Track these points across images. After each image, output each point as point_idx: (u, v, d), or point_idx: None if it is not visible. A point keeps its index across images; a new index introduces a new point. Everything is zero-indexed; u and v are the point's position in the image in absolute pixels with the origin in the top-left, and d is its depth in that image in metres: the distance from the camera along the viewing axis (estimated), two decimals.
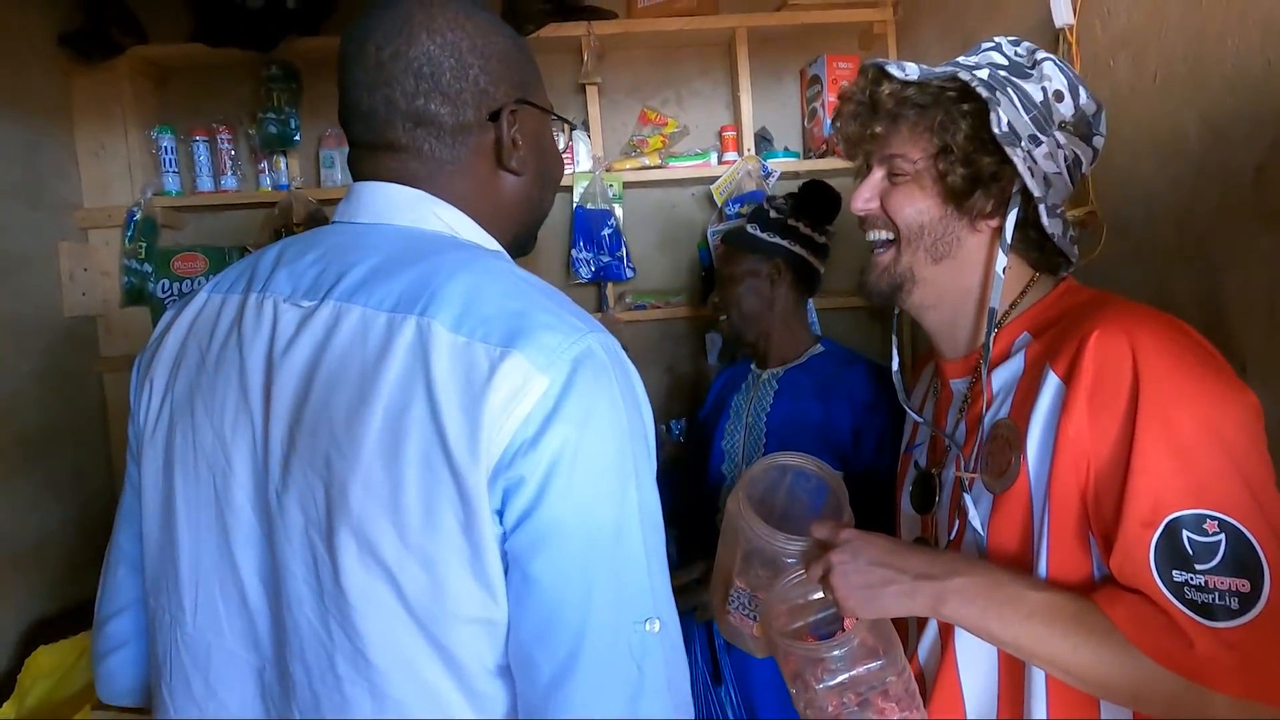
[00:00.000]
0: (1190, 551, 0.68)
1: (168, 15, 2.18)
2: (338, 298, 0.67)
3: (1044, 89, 0.83)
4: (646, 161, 2.22)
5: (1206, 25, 1.09)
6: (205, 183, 2.17)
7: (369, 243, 0.71)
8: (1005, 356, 0.87)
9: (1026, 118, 0.81)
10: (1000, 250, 0.84)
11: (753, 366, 1.70)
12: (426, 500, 0.60)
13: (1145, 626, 0.69)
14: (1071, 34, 1.37)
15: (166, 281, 2.14)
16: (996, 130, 0.79)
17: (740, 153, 2.23)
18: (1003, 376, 0.86)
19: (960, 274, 0.89)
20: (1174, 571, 0.68)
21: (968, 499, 0.86)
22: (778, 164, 2.20)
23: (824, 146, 2.24)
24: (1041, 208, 0.83)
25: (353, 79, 0.73)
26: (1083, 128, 0.84)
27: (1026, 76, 0.84)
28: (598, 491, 0.61)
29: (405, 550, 0.60)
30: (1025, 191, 0.84)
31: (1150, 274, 1.21)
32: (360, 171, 0.76)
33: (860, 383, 1.53)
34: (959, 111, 0.83)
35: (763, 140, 2.30)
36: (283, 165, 2.20)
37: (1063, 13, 1.37)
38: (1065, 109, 0.83)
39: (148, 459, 0.75)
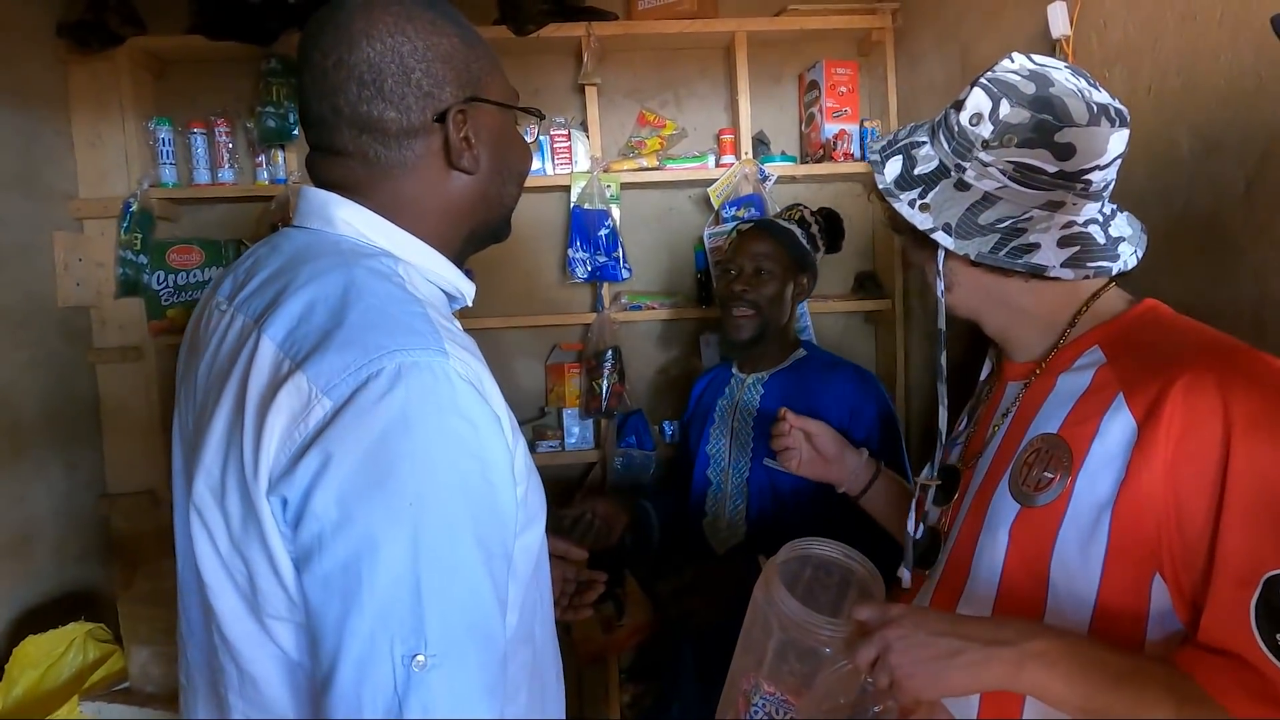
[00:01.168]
0: None
1: (167, 7, 2.17)
2: (235, 304, 0.73)
3: (959, 119, 0.86)
4: (644, 163, 2.23)
5: (1200, 40, 1.10)
6: (202, 175, 2.17)
7: (282, 249, 0.76)
8: (1070, 368, 0.86)
9: (948, 149, 0.86)
10: (940, 279, 0.90)
11: (735, 370, 1.70)
12: (242, 506, 0.64)
13: (1245, 695, 0.66)
14: (1068, 45, 1.38)
15: (162, 273, 2.14)
16: (880, 186, 0.88)
17: (738, 156, 2.24)
18: (1063, 389, 0.85)
19: (974, 296, 0.92)
20: (1278, 635, 0.65)
21: (994, 503, 0.86)
22: (775, 168, 2.21)
23: (820, 151, 2.26)
24: (940, 235, 0.85)
25: (303, 86, 0.76)
26: (1024, 134, 0.82)
27: (960, 108, 0.86)
28: (357, 518, 0.59)
29: (232, 547, 0.66)
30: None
31: (1140, 286, 1.22)
32: (313, 175, 0.79)
33: (845, 387, 1.55)
34: (876, 178, 0.92)
35: (760, 144, 2.31)
36: (280, 159, 2.19)
37: (1059, 24, 1.39)
38: (983, 129, 0.84)
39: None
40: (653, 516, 1.68)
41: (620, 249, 2.20)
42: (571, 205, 2.20)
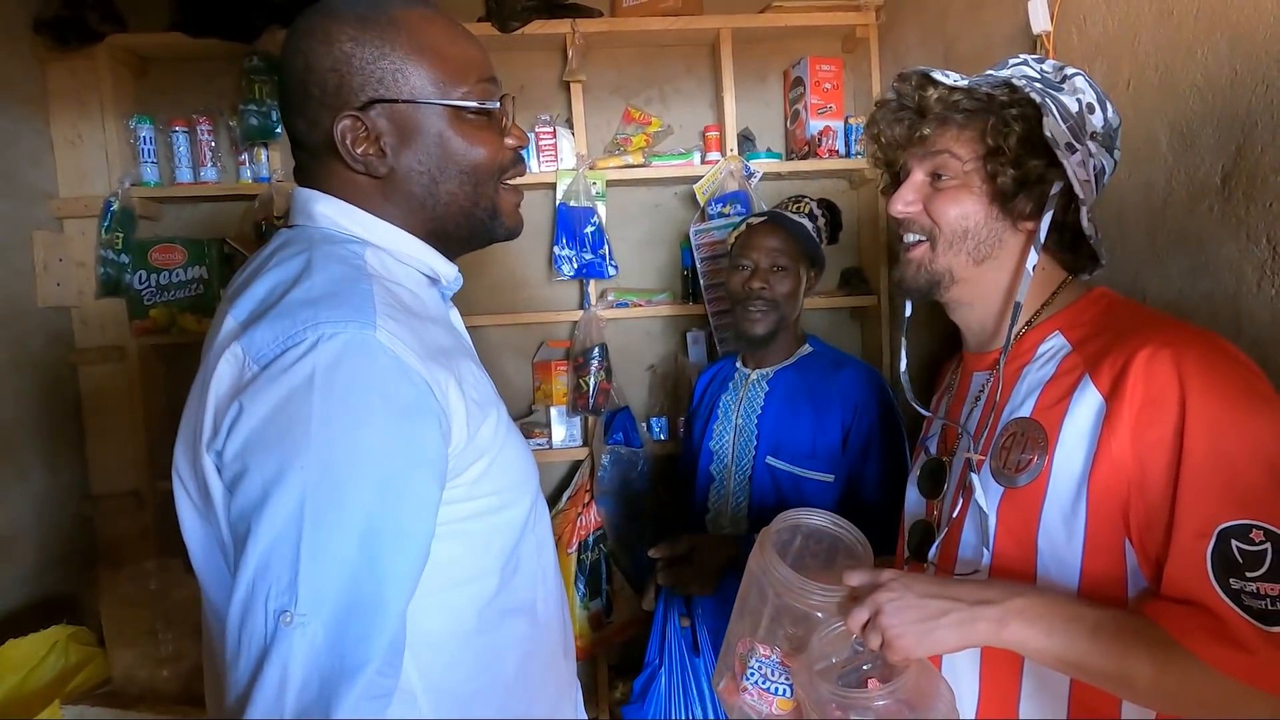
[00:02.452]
0: (1240, 560, 0.70)
1: (147, 4, 2.15)
2: (227, 296, 0.77)
3: (1078, 100, 0.86)
4: (630, 160, 2.23)
5: (1177, 35, 1.11)
6: (184, 174, 2.15)
7: (272, 244, 0.80)
8: (1035, 354, 0.89)
9: (1064, 127, 0.84)
10: (1034, 249, 0.86)
11: (739, 366, 1.69)
12: (205, 468, 0.69)
13: (1204, 636, 0.70)
14: (1049, 40, 1.39)
15: (144, 273, 2.12)
16: (1049, 134, 0.81)
17: (723, 153, 2.24)
18: (1031, 374, 0.88)
19: (998, 273, 0.91)
20: (1231, 579, 0.70)
21: (975, 479, 0.88)
22: (760, 164, 2.21)
23: (805, 148, 2.26)
24: (1083, 211, 0.86)
25: None
26: (1108, 140, 0.87)
27: (1059, 89, 0.86)
28: (254, 471, 0.63)
29: (207, 506, 0.70)
30: (1060, 194, 0.86)
31: (1122, 278, 1.24)
32: (294, 178, 0.86)
33: (851, 384, 1.55)
34: (1010, 115, 0.85)
35: (745, 141, 2.31)
36: (264, 157, 2.18)
37: (1040, 19, 1.40)
38: (1096, 120, 0.86)
39: None
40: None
41: (606, 246, 2.20)
42: (557, 202, 2.20)
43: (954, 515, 0.92)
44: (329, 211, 0.79)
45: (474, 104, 0.78)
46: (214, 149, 2.17)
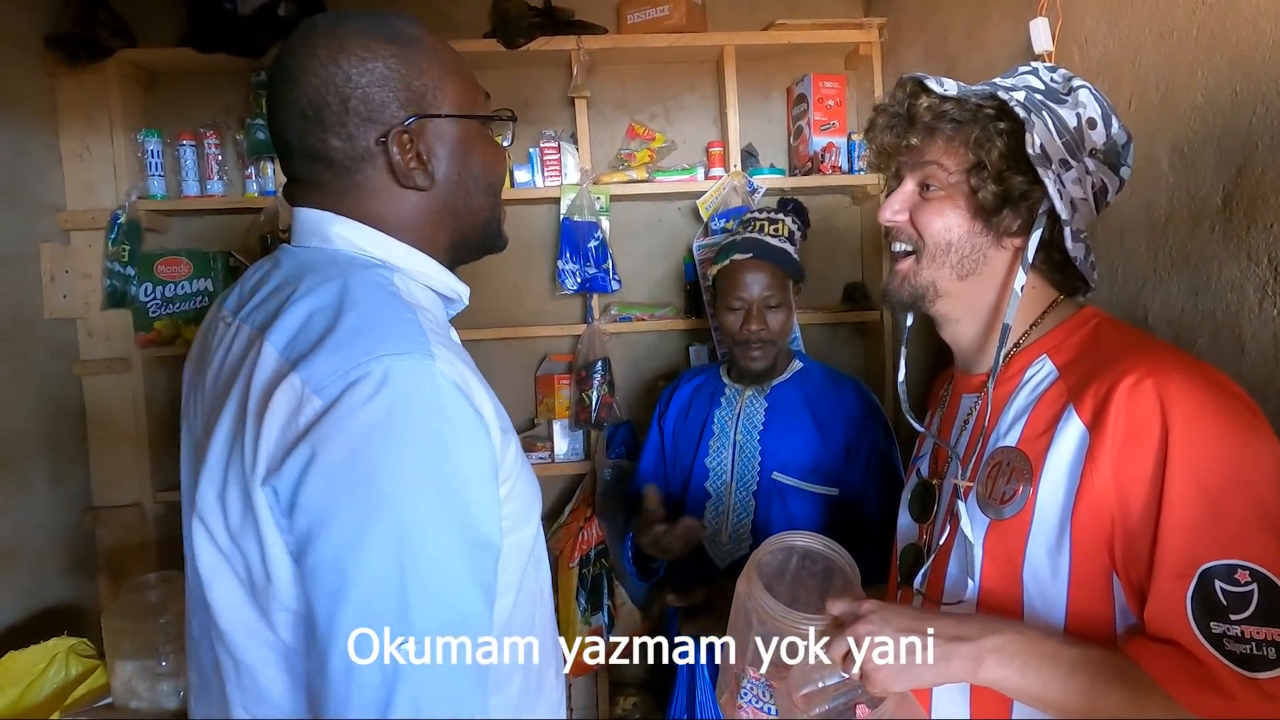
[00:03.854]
0: (1224, 602, 0.67)
1: (157, 19, 2.18)
2: (240, 317, 0.77)
3: (1078, 115, 0.83)
4: (634, 175, 2.24)
5: (1177, 56, 1.12)
6: (191, 187, 2.17)
7: (284, 264, 0.79)
8: (1022, 379, 0.87)
9: (1059, 142, 0.82)
10: (1021, 269, 0.84)
11: (727, 380, 1.67)
12: (241, 500, 0.67)
13: (1184, 680, 0.69)
14: (1050, 60, 1.40)
15: (149, 285, 2.13)
16: (1030, 151, 0.79)
17: (727, 168, 2.25)
18: (1017, 401, 0.86)
19: (984, 290, 0.89)
20: (1212, 623, 0.68)
21: (962, 506, 0.86)
22: (763, 180, 2.22)
23: (808, 164, 2.27)
24: (1067, 230, 0.83)
25: (267, 119, 0.81)
26: (1112, 157, 0.84)
27: (1061, 102, 0.84)
28: (342, 514, 0.62)
29: (231, 541, 0.69)
30: (1050, 213, 0.84)
31: (1124, 296, 1.24)
32: (289, 199, 0.83)
33: (852, 401, 1.55)
34: (995, 129, 0.83)
35: (749, 156, 2.32)
36: (270, 171, 2.19)
37: (1042, 39, 1.40)
38: (1097, 136, 0.84)
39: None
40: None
41: (610, 261, 2.21)
42: (561, 217, 2.21)
43: (941, 542, 0.91)
44: (346, 233, 0.78)
45: (504, 118, 0.82)
46: (220, 163, 2.19)
